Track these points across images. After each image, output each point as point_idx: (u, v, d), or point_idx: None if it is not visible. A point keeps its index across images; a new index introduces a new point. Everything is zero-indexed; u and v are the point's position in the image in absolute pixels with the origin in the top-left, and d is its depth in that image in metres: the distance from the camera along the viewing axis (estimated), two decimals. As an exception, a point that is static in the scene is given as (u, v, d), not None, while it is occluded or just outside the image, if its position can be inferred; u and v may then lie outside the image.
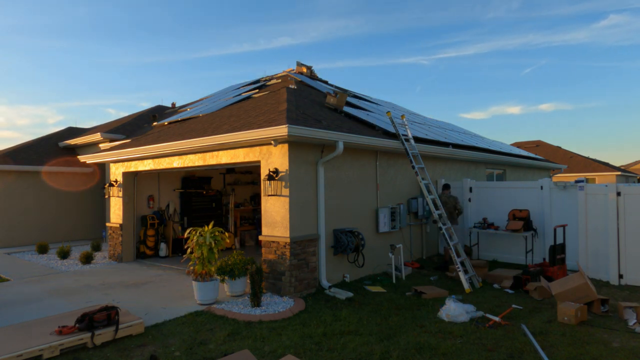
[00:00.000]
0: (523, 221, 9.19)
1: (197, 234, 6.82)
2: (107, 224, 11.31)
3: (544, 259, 9.21)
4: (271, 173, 7.14)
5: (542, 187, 9.50)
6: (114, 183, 10.90)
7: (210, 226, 7.00)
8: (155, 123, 13.89)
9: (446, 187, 9.93)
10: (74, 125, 18.70)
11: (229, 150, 8.08)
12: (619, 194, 8.12)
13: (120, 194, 10.75)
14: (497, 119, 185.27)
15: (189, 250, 6.81)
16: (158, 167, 9.74)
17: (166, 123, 12.64)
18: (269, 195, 7.36)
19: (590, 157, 37.61)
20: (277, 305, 6.55)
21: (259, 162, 7.67)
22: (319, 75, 16.01)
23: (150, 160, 9.95)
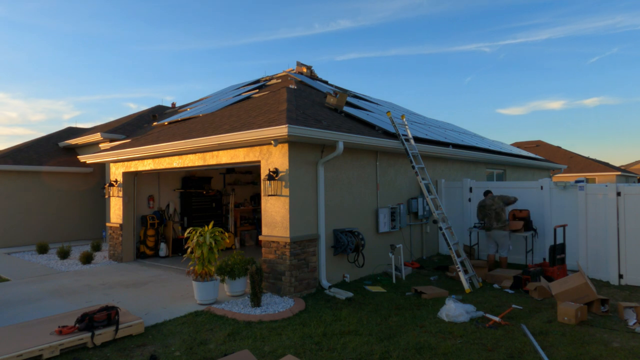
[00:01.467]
0: (523, 221, 9.18)
1: (197, 234, 6.82)
2: (107, 224, 11.31)
3: (544, 259, 9.21)
4: (271, 173, 7.14)
5: (542, 187, 9.50)
6: (114, 183, 10.90)
7: (210, 226, 7.00)
8: (155, 123, 13.89)
9: (487, 192, 9.20)
10: (74, 125, 18.70)
11: (229, 150, 8.08)
12: (619, 194, 8.12)
13: (120, 194, 10.75)
14: (536, 115, 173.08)
15: (189, 250, 6.81)
16: (158, 167, 9.75)
17: (166, 123, 12.64)
18: (269, 195, 7.36)
19: (590, 157, 37.63)
20: (277, 305, 6.55)
21: (259, 162, 7.67)
22: (320, 76, 16.02)
23: (150, 160, 9.95)
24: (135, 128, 14.42)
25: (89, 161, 11.38)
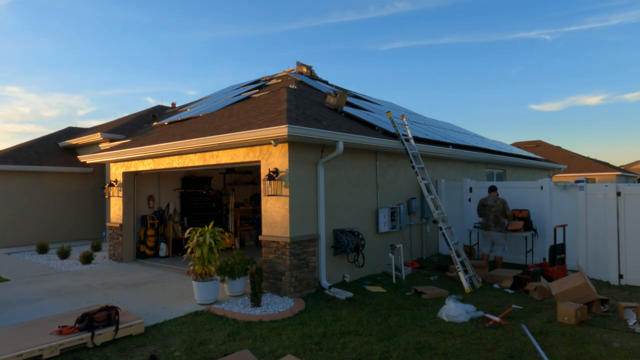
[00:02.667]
0: (523, 221, 9.18)
1: (197, 234, 6.82)
2: (107, 224, 11.31)
3: (544, 259, 9.21)
4: (271, 173, 7.14)
5: (542, 187, 9.50)
6: (114, 183, 10.90)
7: (210, 226, 7.00)
8: (155, 123, 13.90)
9: (492, 189, 9.07)
10: (74, 125, 18.70)
11: (229, 150, 8.08)
12: (619, 194, 8.12)
13: (120, 194, 10.75)
14: (572, 111, 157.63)
15: (189, 250, 6.81)
16: (158, 167, 9.75)
17: (166, 123, 12.64)
18: (269, 195, 7.36)
19: (591, 157, 37.64)
20: (277, 305, 6.55)
21: (259, 162, 7.67)
22: (319, 76, 16.02)
23: (150, 160, 9.95)
24: (135, 128, 14.42)
25: (89, 161, 11.38)
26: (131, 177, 10.99)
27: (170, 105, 18.02)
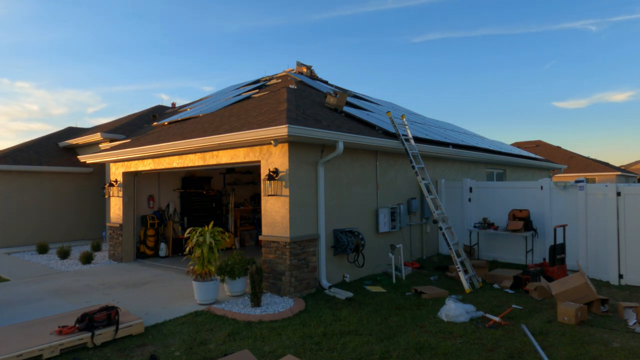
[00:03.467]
0: (523, 221, 9.19)
1: (197, 233, 6.82)
2: (107, 224, 11.31)
3: (544, 259, 9.21)
4: (271, 173, 7.14)
5: (542, 187, 9.50)
6: (114, 183, 10.90)
7: (210, 226, 6.99)
8: (155, 123, 13.90)
9: None
10: (74, 125, 18.70)
11: (229, 150, 8.08)
12: (619, 194, 8.12)
13: (120, 194, 10.75)
14: (598, 108, 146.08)
15: (188, 250, 6.81)
16: (158, 167, 9.74)
17: (166, 123, 12.65)
18: (269, 195, 7.36)
19: (590, 157, 37.64)
20: (277, 305, 6.55)
21: (259, 162, 7.67)
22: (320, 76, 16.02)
23: (150, 160, 9.95)
24: (135, 128, 14.42)
25: (89, 161, 11.38)
26: (131, 177, 10.99)
27: (170, 105, 18.02)
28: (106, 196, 11.34)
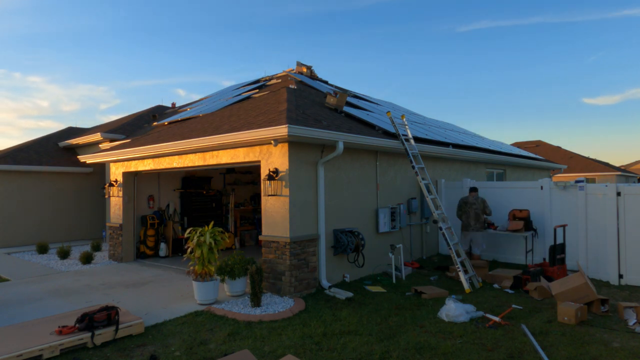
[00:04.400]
0: (523, 221, 9.19)
1: (197, 234, 6.82)
2: (107, 224, 11.31)
3: (544, 259, 9.20)
4: (271, 173, 7.14)
5: (542, 187, 9.50)
6: (114, 183, 10.90)
7: (210, 226, 6.99)
8: (155, 123, 13.90)
9: (473, 189, 9.54)
10: (74, 125, 18.70)
11: (229, 150, 8.08)
12: (619, 193, 8.12)
13: (120, 194, 10.75)
14: (630, 104, 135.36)
15: (189, 250, 6.81)
16: (158, 167, 9.74)
17: (166, 123, 12.65)
18: (269, 195, 7.36)
19: (590, 157, 37.64)
20: (277, 305, 6.55)
21: (259, 162, 7.67)
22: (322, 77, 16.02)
23: (150, 160, 9.95)
24: (135, 128, 14.42)
25: (89, 161, 11.38)
26: (131, 177, 10.99)
27: (170, 105, 18.02)
28: (106, 196, 11.34)
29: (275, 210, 7.30)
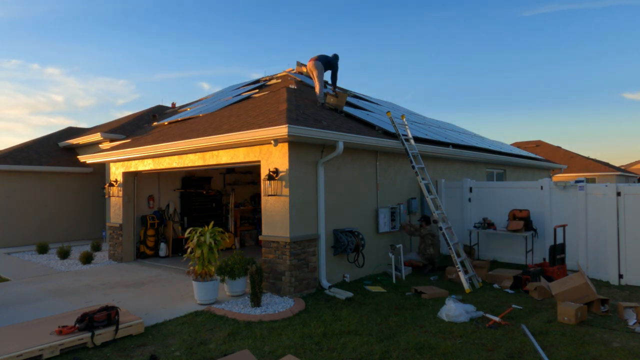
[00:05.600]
0: (523, 221, 9.19)
1: (197, 233, 6.82)
2: (107, 224, 11.31)
3: (544, 259, 9.21)
4: (271, 173, 7.14)
5: (542, 187, 9.50)
6: (114, 183, 10.90)
7: (210, 226, 6.99)
8: (155, 123, 13.90)
9: (426, 220, 9.28)
10: (74, 125, 18.70)
11: (229, 150, 8.08)
12: (619, 194, 8.12)
13: (120, 194, 10.75)
14: None
15: (189, 250, 6.81)
16: (158, 167, 9.74)
17: (166, 123, 12.64)
18: (269, 195, 7.36)
19: (590, 157, 37.64)
20: (277, 305, 6.55)
21: (259, 162, 7.67)
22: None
23: (150, 160, 9.95)
24: (135, 128, 14.42)
25: (89, 161, 11.38)
26: (131, 177, 10.99)
27: (170, 105, 18.02)
28: (106, 196, 11.34)
29: (275, 210, 7.30)
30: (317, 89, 9.73)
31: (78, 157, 12.30)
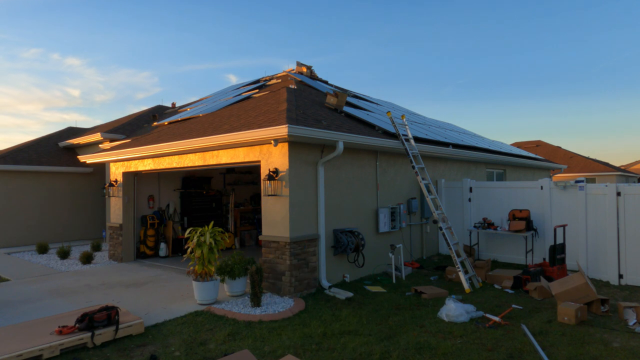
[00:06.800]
0: (525, 221, 9.19)
1: (198, 233, 6.82)
2: (107, 224, 11.31)
3: (544, 259, 9.21)
4: (271, 173, 7.14)
5: (542, 187, 9.50)
6: (114, 183, 10.90)
7: (210, 226, 6.99)
8: (155, 123, 13.89)
9: None
10: (74, 125, 18.70)
11: (229, 150, 8.08)
12: (619, 194, 8.12)
13: (120, 194, 10.75)
14: None
15: (189, 250, 6.81)
16: (158, 167, 9.74)
17: (166, 123, 12.64)
18: (269, 195, 7.36)
19: (591, 157, 37.63)
20: (277, 305, 6.55)
21: (259, 162, 7.67)
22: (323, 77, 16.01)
23: (150, 160, 9.95)
24: (135, 128, 14.42)
25: (89, 161, 11.38)
26: (131, 177, 10.99)
27: (170, 105, 18.03)
28: (106, 196, 11.34)
29: (275, 210, 7.30)
30: None
31: (78, 157, 12.30)
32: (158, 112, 16.97)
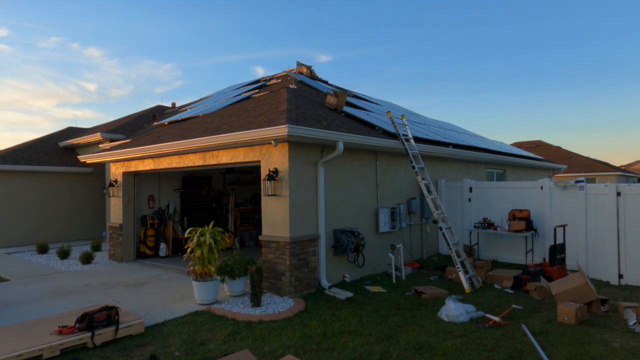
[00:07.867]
0: (525, 221, 9.19)
1: (198, 233, 6.82)
2: (107, 224, 11.31)
3: (544, 259, 9.21)
4: (271, 173, 7.14)
5: (542, 187, 9.50)
6: (114, 183, 10.90)
7: (210, 226, 7.00)
8: (155, 123, 13.90)
9: None
10: (74, 126, 18.71)
11: (229, 150, 8.08)
12: (619, 194, 8.12)
13: (120, 194, 10.75)
14: None
15: (189, 250, 6.81)
16: (158, 167, 9.75)
17: (166, 123, 12.64)
18: (269, 195, 7.36)
19: (591, 157, 37.64)
20: (277, 305, 6.55)
21: (259, 162, 7.68)
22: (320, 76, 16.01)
23: (150, 160, 9.95)
24: (136, 128, 14.43)
25: (89, 161, 11.38)
26: (131, 177, 10.99)
27: (170, 105, 18.03)
28: (106, 196, 11.34)
29: (275, 210, 7.30)
30: None
31: (78, 157, 12.30)
32: (158, 112, 16.97)
